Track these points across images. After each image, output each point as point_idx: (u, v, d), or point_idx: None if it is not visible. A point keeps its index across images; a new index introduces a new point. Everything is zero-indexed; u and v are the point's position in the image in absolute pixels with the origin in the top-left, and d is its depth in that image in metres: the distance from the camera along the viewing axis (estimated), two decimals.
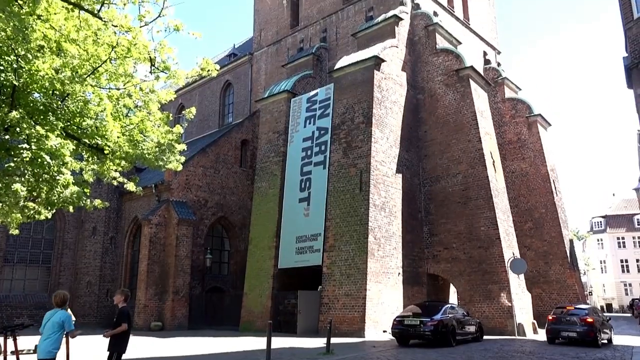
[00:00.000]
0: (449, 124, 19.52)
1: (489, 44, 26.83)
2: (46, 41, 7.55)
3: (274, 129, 22.14)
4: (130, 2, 8.16)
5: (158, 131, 9.48)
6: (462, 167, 18.78)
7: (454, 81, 19.71)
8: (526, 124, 24.03)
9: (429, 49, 20.76)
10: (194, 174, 23.33)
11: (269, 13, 27.90)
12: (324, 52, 23.98)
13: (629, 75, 11.46)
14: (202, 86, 31.58)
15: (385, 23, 20.41)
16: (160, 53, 8.92)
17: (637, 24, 11.40)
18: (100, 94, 8.62)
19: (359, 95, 18.50)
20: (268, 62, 27.41)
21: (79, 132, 8.76)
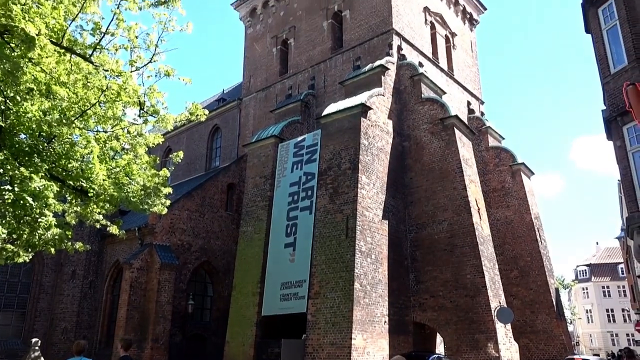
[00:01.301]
0: (434, 171, 19.75)
1: (473, 94, 27.58)
2: (36, 84, 7.58)
3: (261, 174, 22.17)
4: (122, 47, 8.31)
5: (144, 174, 9.43)
6: (447, 215, 18.86)
7: (439, 129, 20.09)
8: (510, 172, 24.42)
9: (414, 97, 21.24)
10: (179, 218, 23.09)
11: (259, 60, 28.50)
12: (312, 98, 24.41)
13: (608, 128, 11.81)
14: (190, 129, 31.75)
15: (372, 72, 20.93)
16: (149, 97, 9.00)
17: (614, 79, 11.84)
18: (88, 136, 8.60)
19: (345, 142, 18.72)
20: (257, 108, 27.78)
21: (63, 174, 8.67)
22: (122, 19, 8.60)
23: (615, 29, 12.24)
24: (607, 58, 12.24)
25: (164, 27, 8.69)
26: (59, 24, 7.40)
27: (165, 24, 8.66)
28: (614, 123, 11.57)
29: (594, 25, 12.82)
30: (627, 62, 11.53)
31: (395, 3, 22.97)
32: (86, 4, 7.91)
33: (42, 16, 6.96)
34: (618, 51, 11.98)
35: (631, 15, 11.68)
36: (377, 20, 23.15)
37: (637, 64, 11.15)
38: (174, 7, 8.51)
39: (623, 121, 11.29)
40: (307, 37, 26.09)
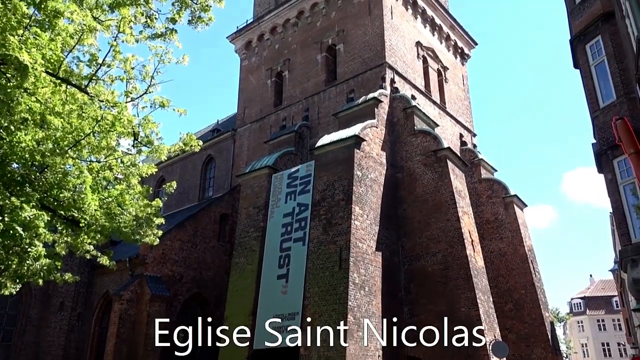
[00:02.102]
0: (427, 202, 19.77)
1: (465, 127, 27.90)
2: (30, 114, 7.59)
3: (254, 204, 22.11)
4: (118, 79, 8.38)
5: (137, 205, 9.37)
6: (441, 246, 18.79)
7: (432, 161, 20.22)
8: (503, 204, 24.50)
9: (407, 129, 21.44)
10: (171, 248, 22.85)
11: (254, 92, 28.80)
12: (306, 130, 24.58)
13: (599, 161, 11.93)
14: (183, 160, 31.77)
15: (366, 104, 21.18)
16: (144, 128, 9.04)
17: (603, 113, 12.04)
18: (81, 166, 8.57)
19: (339, 173, 18.77)
20: (251, 138, 27.90)
21: (55, 204, 8.60)
22: (119, 50, 8.71)
23: (603, 64, 12.53)
24: (595, 93, 12.47)
25: (160, 59, 8.81)
26: (55, 55, 7.47)
27: (161, 56, 8.78)
28: (605, 156, 11.71)
29: (583, 61, 13.11)
30: (615, 97, 11.76)
31: (388, 38, 23.44)
32: (84, 36, 8.00)
33: (39, 47, 7.03)
34: (606, 86, 12.23)
35: (618, 52, 11.97)
36: (370, 54, 23.57)
37: (625, 99, 11.37)
38: (171, 40, 8.64)
39: (613, 154, 11.43)
40: (302, 70, 26.47)
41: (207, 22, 8.75)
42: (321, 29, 26.30)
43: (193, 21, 8.74)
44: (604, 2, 12.67)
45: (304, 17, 27.23)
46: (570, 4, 14.13)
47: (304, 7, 27.15)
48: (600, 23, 12.59)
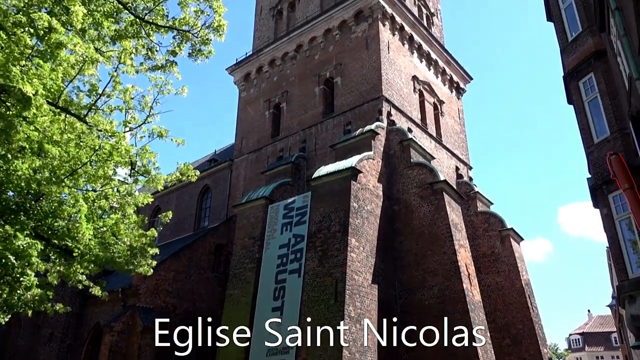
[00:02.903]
0: (424, 235, 19.71)
1: (461, 160, 28.08)
2: (28, 142, 7.61)
3: (250, 235, 21.98)
4: (117, 109, 8.45)
5: (131, 234, 9.32)
6: (437, 280, 18.64)
7: (429, 194, 20.25)
8: (499, 237, 24.43)
9: (403, 162, 21.55)
10: (165, 279, 22.56)
11: (252, 123, 29.02)
12: (303, 161, 24.67)
13: (594, 196, 11.98)
14: (180, 189, 31.71)
15: (362, 137, 21.34)
16: (141, 157, 9.06)
17: (597, 148, 12.16)
18: (77, 195, 8.55)
19: (335, 204, 18.76)
20: (247, 169, 27.97)
21: (49, 233, 8.54)
22: (119, 81, 8.82)
23: (596, 100, 12.71)
24: (589, 128, 12.62)
25: (159, 90, 8.92)
26: (56, 85, 7.54)
27: (161, 87, 8.90)
28: (600, 191, 11.76)
29: (576, 97, 13.32)
30: (609, 132, 11.89)
31: (384, 72, 23.81)
32: (85, 66, 8.11)
33: (40, 77, 7.11)
34: (600, 122, 12.38)
35: (611, 88, 12.17)
36: (367, 87, 23.90)
37: (619, 135, 11.50)
38: (171, 72, 8.76)
39: (608, 189, 11.48)
40: (299, 102, 26.76)
41: (207, 55, 8.90)
42: (319, 62, 26.73)
43: (193, 54, 8.88)
44: (595, 40, 12.95)
45: (302, 51, 27.70)
46: (563, 42, 14.43)
47: (302, 41, 27.65)
48: (593, 60, 12.83)
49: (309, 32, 27.40)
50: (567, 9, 14.45)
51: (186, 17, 8.67)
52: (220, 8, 8.67)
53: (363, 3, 25.36)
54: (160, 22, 8.53)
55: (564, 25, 14.34)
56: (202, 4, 8.66)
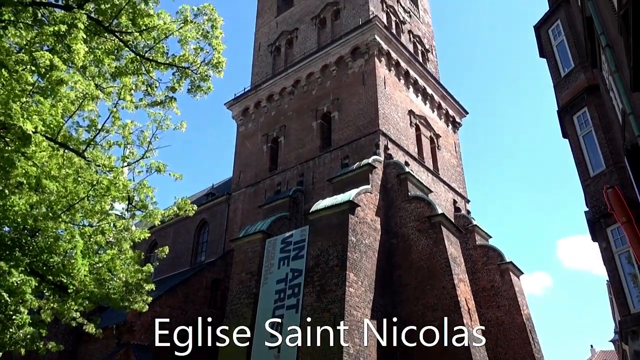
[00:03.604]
0: (422, 269, 19.54)
1: (458, 193, 28.12)
2: (26, 177, 7.61)
3: (247, 270, 21.77)
4: (116, 144, 8.50)
5: (127, 270, 9.22)
6: (437, 315, 18.36)
7: (427, 227, 20.19)
8: (498, 271, 24.24)
9: (401, 195, 21.57)
10: (160, 315, 22.14)
11: (249, 156, 29.16)
12: (300, 195, 24.67)
13: (593, 229, 11.97)
14: (177, 223, 31.55)
15: (360, 170, 21.43)
16: (139, 192, 9.06)
17: (593, 182, 12.22)
18: (73, 230, 8.50)
19: (333, 238, 18.66)
20: (245, 203, 27.93)
21: (44, 269, 8.44)
22: (118, 117, 8.90)
23: (590, 134, 12.86)
24: (585, 162, 12.72)
25: (158, 125, 8.99)
26: (55, 121, 7.60)
27: (159, 122, 8.97)
28: (598, 225, 11.75)
29: (571, 131, 13.47)
30: (605, 166, 11.98)
31: (381, 106, 24.11)
32: (85, 102, 8.19)
33: (40, 113, 7.17)
34: (595, 155, 12.49)
35: (604, 123, 12.33)
36: (364, 121, 24.14)
37: (614, 168, 11.58)
38: (170, 108, 8.86)
39: (606, 223, 11.48)
40: (297, 136, 26.97)
41: (206, 91, 9.02)
42: (317, 97, 27.08)
43: (192, 90, 9.00)
44: (588, 75, 13.20)
45: (300, 86, 28.10)
46: (556, 77, 14.70)
47: (300, 77, 28.09)
48: (586, 95, 13.05)
49: (307, 67, 27.86)
50: (559, 45, 14.79)
51: (186, 54, 8.83)
52: (220, 45, 8.84)
53: (359, 40, 25.91)
54: (161, 59, 8.68)
55: (557, 62, 14.65)
56: (201, 41, 8.83)
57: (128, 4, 7.74)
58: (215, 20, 8.77)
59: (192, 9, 8.65)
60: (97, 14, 7.86)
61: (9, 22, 6.79)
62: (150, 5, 8.37)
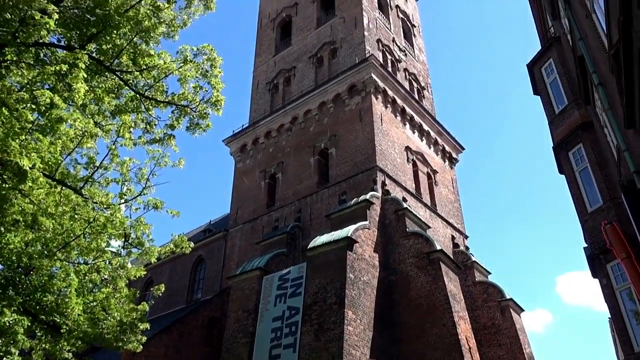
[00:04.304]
0: (422, 306, 19.26)
1: (456, 229, 28.03)
2: (22, 215, 7.57)
3: (244, 307, 21.42)
4: (114, 181, 8.50)
5: (122, 309, 9.06)
6: (438, 354, 17.98)
7: (425, 264, 20.02)
8: (499, 308, 23.89)
9: (399, 231, 21.48)
10: (154, 355, 21.64)
11: (247, 193, 29.15)
12: (298, 231, 24.55)
13: (593, 266, 11.88)
14: (173, 260, 31.20)
15: (358, 206, 21.40)
16: (136, 229, 9.01)
17: (591, 217, 12.21)
18: (68, 268, 8.41)
19: (331, 276, 18.46)
20: (242, 239, 27.74)
21: (37, 308, 8.29)
22: (117, 154, 8.94)
23: (586, 170, 12.92)
24: (582, 198, 12.73)
25: (156, 162, 9.03)
26: (54, 158, 7.62)
27: (158, 159, 9.01)
28: (597, 261, 11.67)
29: (567, 168, 13.54)
30: (602, 202, 11.99)
31: (378, 142, 24.31)
32: (83, 140, 8.24)
33: (38, 151, 7.19)
34: (592, 191, 12.52)
35: (600, 159, 12.41)
36: (361, 157, 24.29)
37: (612, 204, 11.59)
38: (169, 145, 8.91)
39: (606, 259, 11.40)
40: (295, 172, 27.06)
41: (204, 128, 9.10)
42: (314, 133, 27.32)
43: (191, 127, 9.09)
44: (582, 112, 13.38)
45: (297, 123, 28.39)
46: (550, 114, 14.90)
47: (298, 114, 28.41)
48: (580, 132, 13.18)
49: (304, 105, 28.22)
50: (552, 83, 15.06)
51: (185, 92, 8.96)
52: (219, 84, 8.98)
53: (356, 78, 26.35)
54: (160, 98, 8.79)
55: (550, 99, 14.88)
56: (201, 80, 8.98)
57: (129, 44, 7.90)
58: (215, 59, 8.93)
59: (192, 49, 8.83)
60: (98, 53, 8.01)
61: (12, 62, 6.90)
62: (151, 45, 8.54)
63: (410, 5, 37.68)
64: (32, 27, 6.46)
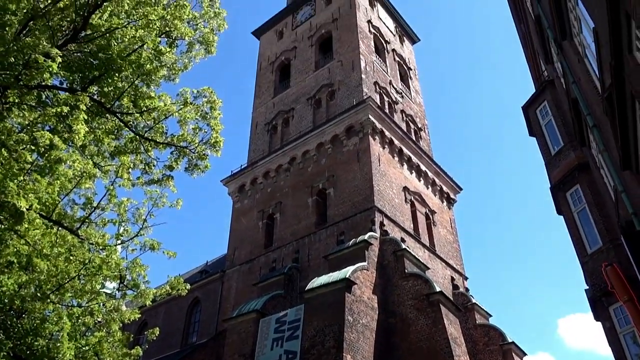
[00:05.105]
0: (422, 350, 18.83)
1: (456, 270, 27.74)
2: (17, 256, 7.48)
3: (240, 352, 20.89)
4: (111, 222, 8.45)
5: (115, 354, 8.83)
6: None
7: (425, 306, 19.70)
8: (501, 352, 23.36)
9: (398, 273, 21.24)
10: None
11: (245, 233, 28.97)
12: (296, 272, 24.26)
13: (595, 308, 11.70)
14: (169, 302, 30.63)
15: (356, 247, 21.24)
16: (132, 271, 8.89)
17: (592, 259, 12.11)
18: (61, 311, 8.23)
19: (330, 318, 18.12)
20: (239, 280, 27.37)
21: (27, 353, 8.06)
22: (115, 194, 8.92)
23: (585, 211, 12.90)
24: (582, 239, 12.66)
25: (154, 203, 9.00)
26: (51, 199, 7.59)
27: (156, 200, 8.99)
28: (600, 303, 11.50)
29: (565, 208, 13.54)
30: (601, 243, 11.92)
31: (376, 183, 24.37)
32: (82, 180, 8.23)
33: (36, 191, 7.17)
34: (591, 232, 12.46)
35: (598, 200, 12.42)
36: (359, 198, 24.29)
37: (612, 245, 11.52)
38: (167, 186, 8.91)
39: (608, 302, 11.23)
40: (293, 212, 26.99)
41: (203, 169, 9.12)
42: (312, 174, 27.42)
43: (190, 168, 9.11)
44: (577, 153, 13.48)
45: (295, 163, 28.54)
46: (547, 155, 15.02)
47: (296, 154, 28.61)
48: (577, 173, 13.25)
49: (302, 145, 28.45)
50: (547, 124, 15.24)
51: (185, 134, 9.03)
52: (218, 126, 9.07)
53: (354, 119, 26.69)
54: (160, 139, 8.85)
55: (546, 140, 15.03)
56: (200, 122, 9.07)
57: (131, 87, 8.02)
58: (214, 102, 9.05)
59: (193, 92, 8.97)
60: (100, 96, 8.12)
61: (14, 103, 6.98)
62: (152, 87, 8.68)
63: (406, 49, 38.62)
64: (35, 70, 6.56)
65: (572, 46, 9.91)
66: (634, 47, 5.57)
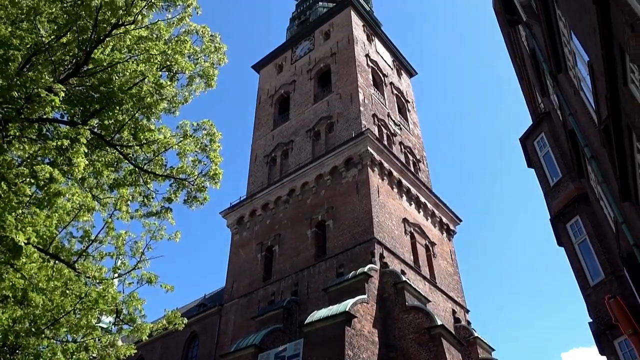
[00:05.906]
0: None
1: (457, 302, 27.38)
2: (12, 290, 7.37)
3: None
4: (108, 255, 8.37)
5: None
6: None
7: (426, 340, 19.36)
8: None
9: (399, 305, 20.95)
10: None
11: (243, 265, 28.70)
12: (295, 305, 23.92)
13: (599, 342, 11.50)
14: (166, 336, 30.04)
15: (356, 279, 21.01)
16: (128, 305, 8.76)
17: (594, 291, 11.97)
18: (55, 347, 8.06)
19: (329, 353, 17.76)
20: (238, 314, 26.96)
21: None
22: (113, 227, 8.87)
23: (585, 243, 12.82)
24: (584, 271, 12.54)
25: (152, 236, 8.94)
26: (49, 232, 7.54)
27: (154, 232, 8.93)
28: (604, 337, 11.31)
29: (565, 240, 13.46)
30: (603, 275, 11.81)
31: (375, 214, 24.30)
32: (80, 213, 8.19)
33: (34, 225, 7.12)
34: (593, 264, 12.35)
35: (598, 231, 12.36)
36: (359, 229, 24.18)
37: (614, 277, 11.41)
38: (165, 218, 8.87)
39: (613, 335, 11.04)
40: (292, 245, 26.81)
41: (202, 201, 9.10)
42: (311, 205, 27.38)
43: (189, 201, 9.09)
44: (576, 185, 13.49)
45: (295, 195, 28.52)
46: (546, 186, 15.02)
47: (295, 186, 28.63)
48: (577, 204, 13.23)
49: (301, 177, 28.51)
50: (545, 156, 15.31)
51: (184, 166, 9.04)
52: (217, 158, 9.09)
53: (353, 151, 26.83)
54: (159, 171, 8.86)
55: (545, 171, 15.06)
56: (200, 154, 9.10)
57: (131, 119, 8.08)
58: (214, 134, 9.11)
59: (192, 124, 9.03)
60: (100, 128, 8.17)
61: (14, 137, 7.01)
62: (152, 120, 8.74)
63: (404, 82, 39.19)
64: (37, 104, 6.62)
65: (568, 79, 10.05)
66: (629, 80, 5.65)
